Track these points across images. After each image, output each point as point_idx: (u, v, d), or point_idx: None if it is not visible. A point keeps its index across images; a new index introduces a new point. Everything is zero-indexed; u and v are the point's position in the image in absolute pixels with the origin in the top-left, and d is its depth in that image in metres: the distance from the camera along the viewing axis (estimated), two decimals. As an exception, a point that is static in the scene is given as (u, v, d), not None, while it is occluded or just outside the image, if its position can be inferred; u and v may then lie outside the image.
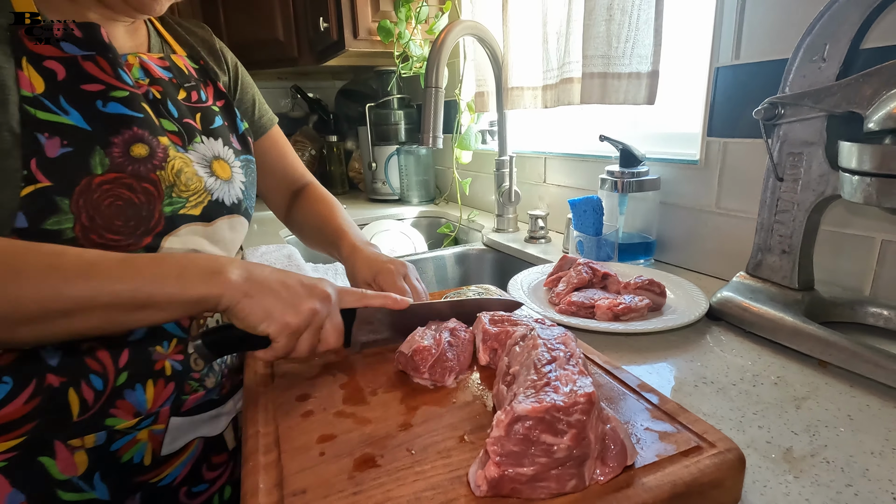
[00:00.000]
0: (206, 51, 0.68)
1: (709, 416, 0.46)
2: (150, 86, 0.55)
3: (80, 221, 0.45)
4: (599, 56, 0.83)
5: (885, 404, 0.47)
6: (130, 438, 0.52)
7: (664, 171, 0.88)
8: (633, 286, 0.67)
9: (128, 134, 0.49)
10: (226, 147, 0.61)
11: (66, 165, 0.45)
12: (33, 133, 0.44)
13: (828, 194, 0.57)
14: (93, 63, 0.48)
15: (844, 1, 0.54)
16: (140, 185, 0.49)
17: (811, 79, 0.57)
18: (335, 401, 0.44)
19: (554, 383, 0.35)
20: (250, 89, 0.75)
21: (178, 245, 0.53)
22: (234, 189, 0.60)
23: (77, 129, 0.46)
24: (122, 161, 0.48)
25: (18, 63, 0.44)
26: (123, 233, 0.48)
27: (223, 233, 0.58)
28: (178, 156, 0.53)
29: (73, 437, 0.49)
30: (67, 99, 0.46)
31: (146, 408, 0.53)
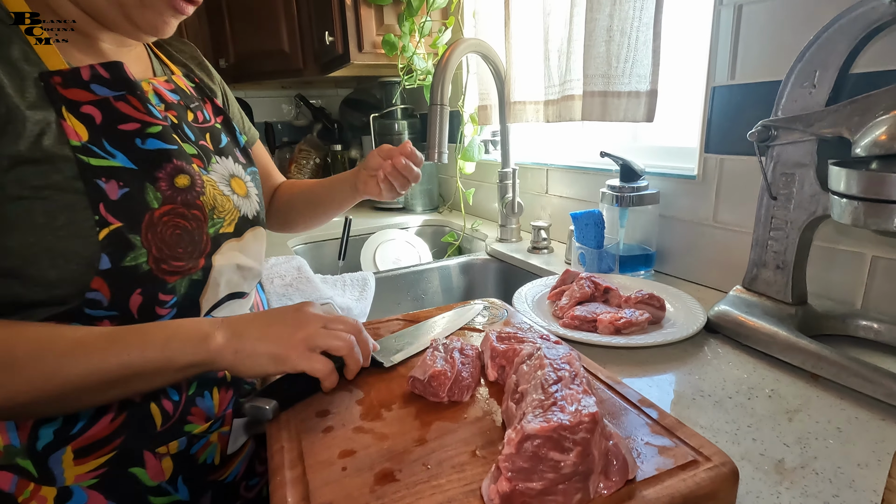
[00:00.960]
0: (197, 68, 0.69)
1: (706, 429, 0.49)
2: (166, 111, 0.56)
3: (152, 254, 0.48)
4: (600, 75, 0.85)
5: (873, 416, 0.49)
6: (205, 441, 0.56)
7: (663, 185, 0.91)
8: (633, 300, 0.70)
9: (169, 167, 0.51)
10: (236, 164, 0.64)
11: (129, 204, 0.47)
12: (93, 180, 0.46)
13: (819, 214, 0.60)
14: (125, 102, 0.50)
15: (833, 31, 0.56)
16: (190, 212, 0.52)
17: (802, 103, 0.60)
18: (353, 417, 0.47)
19: (560, 403, 0.38)
20: (234, 105, 0.77)
21: (223, 261, 0.56)
22: (252, 202, 0.63)
23: (126, 170, 0.48)
24: (170, 193, 0.50)
25: (60, 113, 0.46)
26: (184, 258, 0.51)
27: (251, 244, 0.61)
28: (207, 179, 0.56)
29: (159, 445, 0.52)
30: (109, 141, 0.48)
31: (214, 412, 0.56)
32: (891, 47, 0.60)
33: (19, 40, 0.46)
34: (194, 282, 0.53)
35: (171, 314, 0.52)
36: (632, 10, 0.80)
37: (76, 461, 0.49)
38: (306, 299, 0.90)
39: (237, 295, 0.59)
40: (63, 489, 0.49)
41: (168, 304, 0.51)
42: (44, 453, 0.48)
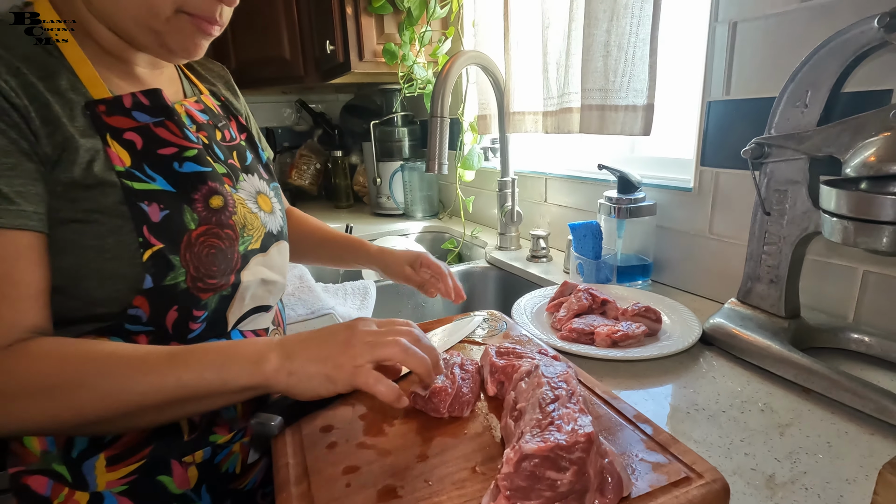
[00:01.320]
0: (223, 87, 0.71)
1: (699, 444, 0.50)
2: (197, 133, 0.58)
3: (189, 273, 0.50)
4: (598, 89, 0.87)
5: (862, 431, 0.50)
6: (228, 451, 0.58)
7: (660, 197, 0.92)
8: (630, 313, 0.71)
9: (204, 189, 0.53)
10: (261, 181, 0.65)
11: (169, 226, 0.49)
12: (137, 204, 0.48)
13: (811, 230, 0.61)
14: (163, 128, 0.52)
15: (824, 52, 0.58)
16: (224, 231, 0.54)
17: (794, 122, 0.61)
18: (356, 432, 0.48)
19: (557, 422, 0.39)
20: (254, 124, 0.78)
21: (250, 277, 0.58)
22: (276, 218, 0.65)
23: (166, 193, 0.50)
24: (206, 214, 0.52)
25: (105, 140, 0.48)
26: (217, 276, 0.53)
27: (275, 259, 0.63)
28: (237, 198, 0.57)
29: (185, 454, 0.54)
30: (150, 166, 0.50)
31: (238, 423, 0.58)
32: (881, 68, 0.61)
33: (66, 71, 0.48)
34: (223, 297, 0.55)
35: (201, 328, 0.54)
36: (629, 26, 0.81)
37: (108, 468, 0.51)
38: (308, 308, 0.91)
39: (261, 308, 0.61)
40: (95, 494, 0.51)
41: (200, 319, 0.53)
42: (78, 459, 0.50)
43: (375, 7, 1.38)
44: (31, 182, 0.44)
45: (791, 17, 0.69)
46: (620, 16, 0.81)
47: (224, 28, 0.55)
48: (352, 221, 1.76)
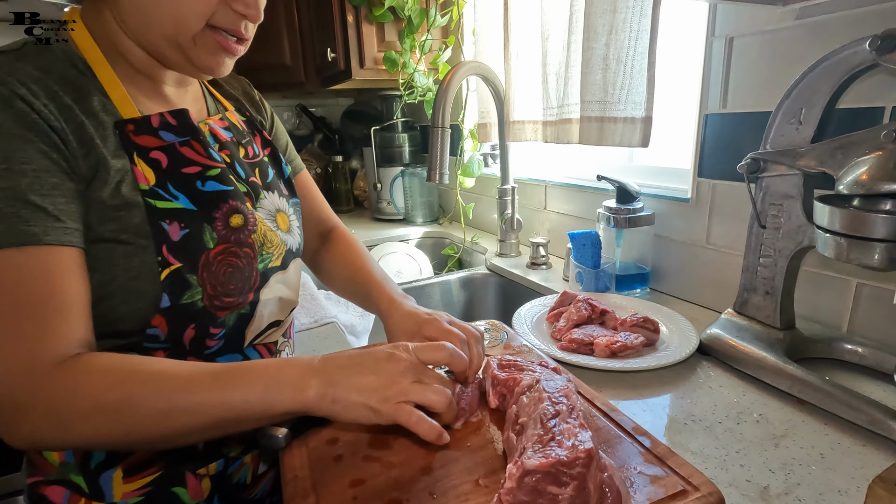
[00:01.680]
0: (247, 102, 0.72)
1: (696, 455, 0.51)
2: (219, 151, 0.58)
3: (206, 292, 0.51)
4: (597, 101, 0.88)
5: (855, 442, 0.52)
6: (239, 463, 0.59)
7: (658, 206, 0.94)
8: (629, 323, 0.72)
9: (225, 207, 0.54)
10: (281, 198, 0.66)
11: (189, 245, 0.50)
12: (158, 222, 0.49)
13: (805, 244, 0.63)
14: (189, 147, 0.53)
15: (818, 71, 0.59)
16: (242, 250, 0.54)
17: (789, 139, 0.63)
18: (362, 445, 0.50)
19: (558, 438, 0.40)
20: (283, 136, 0.78)
21: (269, 294, 0.59)
22: (294, 235, 0.66)
23: (187, 211, 0.51)
24: (225, 233, 0.53)
25: (132, 159, 0.49)
26: (234, 294, 0.54)
27: (292, 276, 0.64)
28: (258, 217, 0.58)
29: (200, 466, 0.55)
30: (173, 184, 0.51)
31: (249, 436, 0.59)
32: (873, 87, 0.63)
33: (97, 91, 0.49)
34: (242, 315, 0.56)
35: (218, 345, 0.55)
36: (627, 40, 0.82)
37: (125, 479, 0.52)
38: (312, 317, 0.93)
39: (275, 324, 0.62)
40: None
41: (217, 337, 0.54)
42: (96, 471, 0.51)
43: (376, 15, 1.39)
44: (72, 200, 0.45)
45: (786, 34, 0.70)
46: (619, 30, 0.83)
47: (248, 45, 0.56)
48: (352, 226, 1.77)
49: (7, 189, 0.42)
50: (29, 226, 0.42)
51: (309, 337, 0.88)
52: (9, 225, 0.42)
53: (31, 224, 0.43)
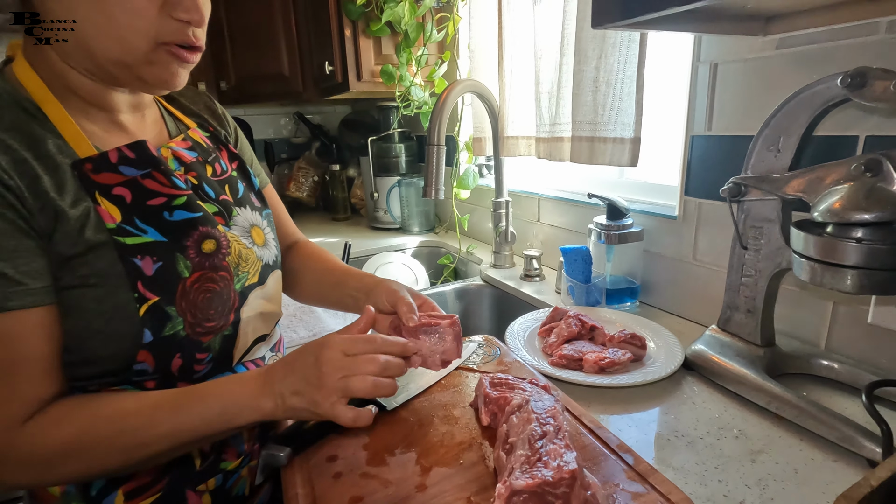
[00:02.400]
0: (210, 116, 0.71)
1: (677, 470, 0.54)
2: (185, 174, 0.58)
3: (187, 320, 0.52)
4: (587, 122, 0.91)
5: (827, 458, 0.55)
6: (237, 476, 0.61)
7: (647, 223, 0.97)
8: (617, 339, 0.75)
9: (196, 234, 0.54)
10: (254, 212, 0.66)
11: (163, 277, 0.51)
12: (130, 259, 0.49)
13: (783, 266, 0.66)
14: (151, 179, 0.53)
15: (795, 102, 0.62)
16: (218, 274, 0.56)
17: (768, 165, 0.66)
18: (360, 462, 0.52)
19: (544, 458, 0.43)
20: (248, 150, 0.77)
21: (250, 312, 0.60)
22: (270, 248, 0.67)
23: (158, 244, 0.51)
24: (199, 260, 0.54)
25: (94, 199, 0.49)
26: (215, 318, 0.55)
27: (272, 289, 0.65)
28: (231, 236, 0.59)
29: (199, 483, 0.58)
30: (140, 218, 0.51)
31: (244, 449, 0.62)
32: (847, 117, 0.66)
33: (52, 134, 0.49)
34: (226, 337, 0.57)
35: (207, 369, 0.57)
36: (616, 64, 0.85)
37: (126, 503, 0.54)
38: (310, 330, 0.95)
39: (261, 338, 0.64)
40: None
41: (204, 361, 0.56)
42: (97, 497, 0.53)
43: (374, 30, 1.42)
44: (34, 258, 0.46)
45: (767, 62, 0.73)
46: (608, 54, 0.86)
47: (202, 52, 0.54)
48: (349, 234, 1.79)
49: None
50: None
51: (308, 350, 0.90)
52: None
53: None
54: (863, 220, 0.53)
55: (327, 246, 1.64)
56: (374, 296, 0.67)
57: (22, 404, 0.46)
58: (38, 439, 0.45)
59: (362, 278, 0.71)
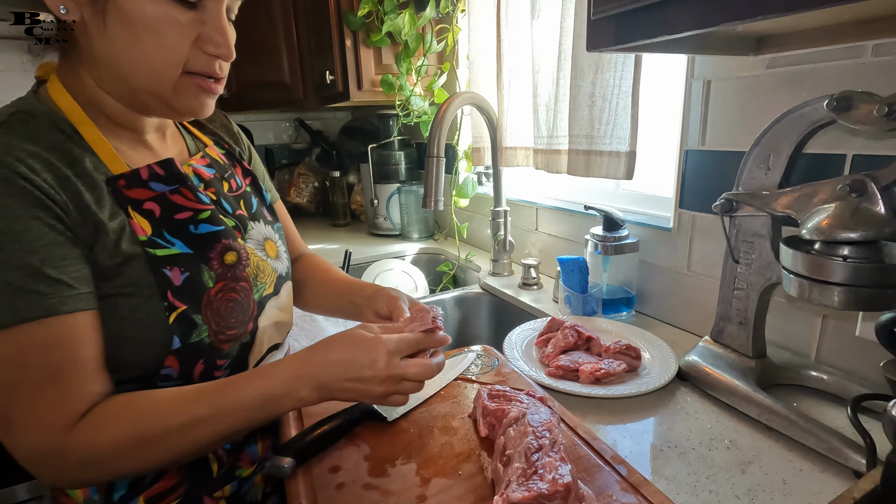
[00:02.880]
0: (226, 135, 0.74)
1: (669, 481, 0.56)
2: (205, 190, 0.61)
3: (211, 328, 0.55)
4: (584, 136, 0.93)
5: (814, 468, 0.56)
6: (251, 483, 0.64)
7: (642, 234, 0.98)
8: (612, 350, 0.77)
9: (219, 247, 0.57)
10: (266, 225, 0.69)
11: (191, 287, 0.54)
12: (160, 270, 0.52)
13: (774, 280, 0.67)
14: (178, 195, 0.56)
15: (783, 123, 0.64)
16: (239, 284, 0.58)
17: (759, 182, 0.68)
18: (362, 473, 0.54)
19: (540, 471, 0.45)
20: (260, 167, 0.81)
21: (266, 321, 0.63)
22: (283, 260, 0.70)
23: (185, 255, 0.54)
24: (222, 271, 0.57)
25: (127, 213, 0.52)
26: (236, 327, 0.58)
27: (285, 299, 0.68)
28: (250, 249, 0.62)
29: (216, 490, 0.60)
30: (169, 231, 0.54)
31: (258, 456, 0.64)
32: (835, 137, 0.68)
33: (88, 153, 0.52)
34: (244, 344, 0.60)
35: (224, 374, 0.59)
36: (612, 79, 0.87)
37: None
38: (310, 339, 0.96)
39: (274, 347, 0.67)
40: None
41: (223, 367, 0.58)
42: (120, 503, 0.55)
43: (374, 41, 1.44)
44: (82, 265, 0.49)
45: (758, 80, 0.75)
46: (604, 70, 0.87)
47: (225, 82, 0.58)
48: (349, 239, 1.81)
49: (23, 268, 0.45)
50: (47, 299, 0.46)
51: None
52: (28, 301, 0.45)
53: (49, 297, 0.46)
54: (849, 239, 0.55)
55: (328, 252, 1.66)
56: (373, 302, 0.69)
57: (75, 404, 0.48)
58: (91, 440, 0.47)
59: (363, 287, 0.75)
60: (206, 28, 0.51)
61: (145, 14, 0.48)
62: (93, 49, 0.51)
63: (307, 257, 0.86)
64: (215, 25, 0.52)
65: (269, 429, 0.66)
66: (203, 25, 0.51)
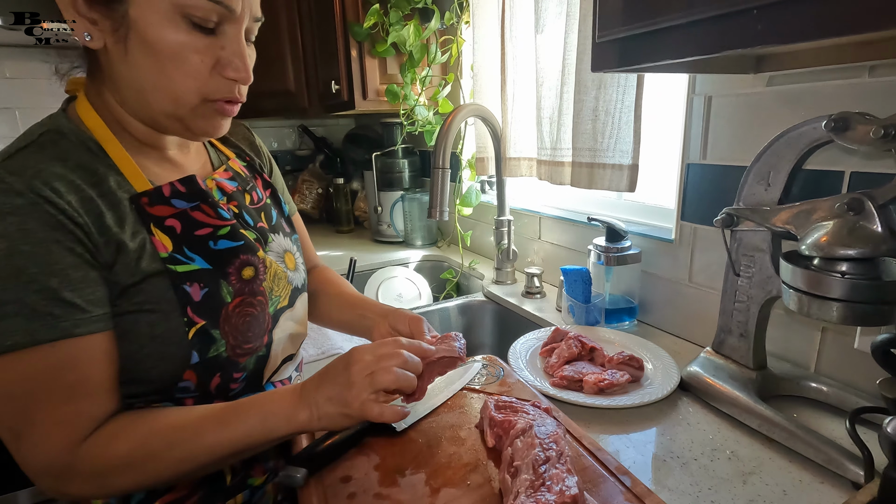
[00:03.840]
0: (248, 147, 0.76)
1: (672, 492, 0.57)
2: (227, 203, 0.63)
3: (229, 342, 0.56)
4: (587, 149, 0.95)
5: (814, 479, 0.58)
6: (262, 492, 0.65)
7: (645, 245, 1.00)
8: (615, 361, 0.78)
9: (237, 262, 0.58)
10: (286, 238, 0.71)
11: (210, 303, 0.55)
12: (181, 286, 0.53)
13: (774, 294, 0.69)
14: (199, 211, 0.57)
15: (783, 141, 0.66)
16: (256, 299, 0.60)
17: (759, 198, 0.69)
18: (372, 483, 0.55)
19: (548, 483, 0.46)
20: (280, 181, 0.82)
21: (280, 333, 0.64)
22: (300, 272, 0.71)
23: (204, 271, 0.55)
24: (239, 286, 0.58)
25: (149, 230, 0.53)
26: (252, 340, 0.59)
27: (299, 311, 0.69)
28: (269, 262, 0.63)
29: (228, 498, 0.61)
30: (189, 247, 0.55)
31: (270, 466, 0.65)
32: (834, 155, 0.69)
33: (112, 171, 0.53)
34: (259, 357, 0.61)
35: (240, 387, 0.60)
36: (615, 94, 0.89)
37: None
38: (319, 349, 0.98)
39: (288, 358, 0.68)
40: None
41: (239, 380, 0.60)
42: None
43: (379, 51, 1.46)
44: (98, 288, 0.50)
45: (759, 97, 0.77)
46: (607, 85, 0.89)
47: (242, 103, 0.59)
48: (353, 247, 1.83)
49: (41, 291, 0.46)
50: (61, 321, 0.47)
51: (317, 367, 0.93)
52: (44, 323, 0.46)
53: (63, 320, 0.47)
54: (847, 256, 0.56)
55: (332, 258, 1.68)
56: (392, 318, 0.71)
57: (85, 423, 0.49)
58: (98, 454, 0.49)
59: (375, 306, 0.76)
60: (225, 52, 0.53)
61: (166, 42, 0.49)
62: (115, 73, 0.52)
63: (320, 270, 0.88)
64: (234, 50, 0.53)
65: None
66: (222, 50, 0.52)
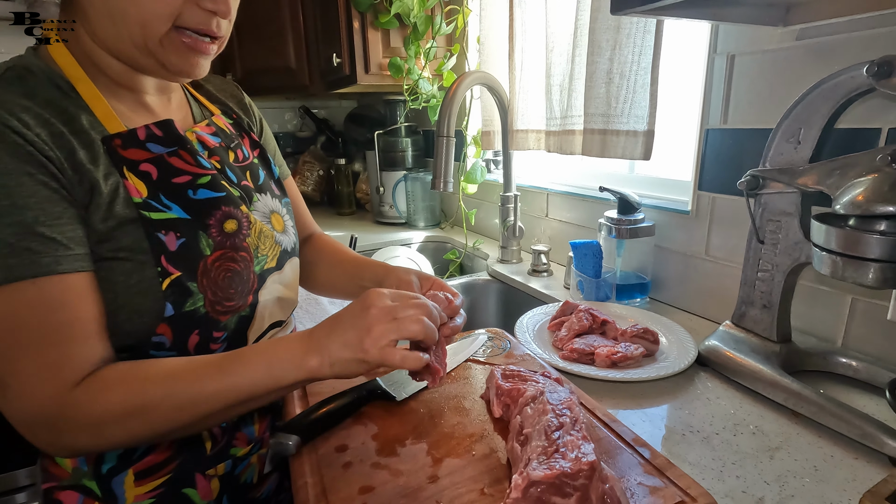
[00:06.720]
0: (235, 105, 0.72)
1: (694, 466, 0.53)
2: (209, 158, 0.59)
3: (207, 298, 0.53)
4: (600, 114, 0.90)
5: (847, 455, 0.53)
6: (246, 463, 0.61)
7: (658, 217, 0.95)
8: (629, 334, 0.74)
9: (218, 214, 0.55)
10: (274, 199, 0.67)
11: (186, 254, 0.51)
12: (154, 234, 0.50)
13: (802, 260, 0.64)
14: (177, 157, 0.54)
15: (816, 93, 0.61)
16: (238, 254, 0.56)
17: (788, 157, 0.64)
18: (370, 452, 0.51)
19: (562, 450, 0.42)
20: (271, 142, 0.78)
21: (267, 295, 0.60)
22: (289, 235, 0.67)
23: (182, 221, 0.52)
24: (221, 239, 0.54)
25: (122, 174, 0.49)
26: (234, 298, 0.55)
27: (289, 276, 0.66)
28: (253, 220, 0.59)
29: (209, 467, 0.57)
30: (165, 195, 0.51)
31: (255, 436, 0.62)
32: (870, 109, 0.64)
33: (84, 111, 0.50)
34: (242, 318, 0.57)
35: (221, 348, 0.56)
36: (631, 55, 0.84)
37: (136, 483, 0.54)
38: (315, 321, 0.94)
39: (277, 324, 0.64)
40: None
41: (220, 340, 0.56)
42: (108, 475, 0.53)
43: (382, 22, 1.41)
44: (77, 225, 0.46)
45: (786, 53, 0.72)
46: (623, 45, 0.84)
47: (223, 44, 0.56)
48: (354, 228, 1.78)
49: (15, 224, 0.43)
50: (41, 257, 0.43)
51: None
52: (21, 259, 0.43)
53: (43, 255, 0.44)
54: (887, 213, 0.51)
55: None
56: (385, 284, 0.66)
57: (74, 368, 0.45)
58: (91, 402, 0.45)
59: (374, 268, 0.72)
60: None
61: None
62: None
63: (318, 237, 0.84)
64: None
65: (268, 409, 0.64)
66: None
